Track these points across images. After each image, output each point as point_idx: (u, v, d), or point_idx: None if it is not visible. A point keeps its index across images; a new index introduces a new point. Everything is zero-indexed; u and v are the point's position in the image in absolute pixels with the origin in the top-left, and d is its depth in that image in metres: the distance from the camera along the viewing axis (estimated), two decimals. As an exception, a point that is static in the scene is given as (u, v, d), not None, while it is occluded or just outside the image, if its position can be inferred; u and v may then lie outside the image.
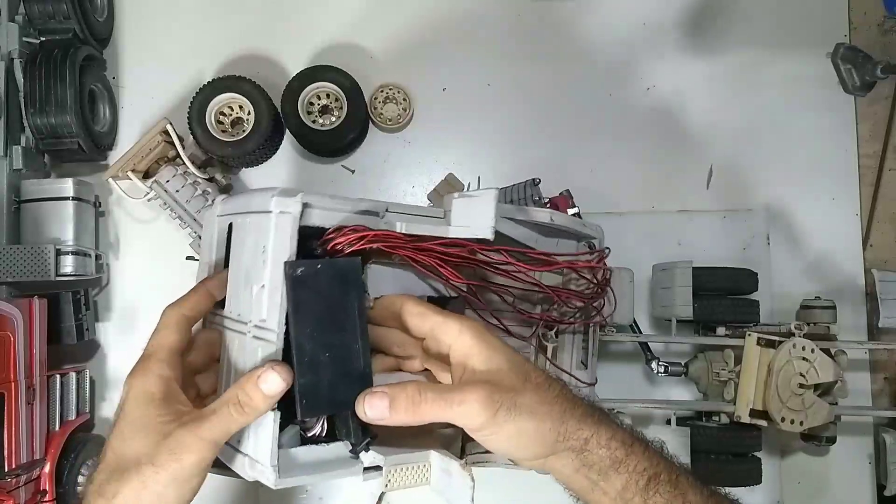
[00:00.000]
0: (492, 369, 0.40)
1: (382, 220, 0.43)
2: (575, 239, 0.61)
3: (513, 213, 0.54)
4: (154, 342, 0.42)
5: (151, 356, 0.41)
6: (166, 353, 0.41)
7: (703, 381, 0.73)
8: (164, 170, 0.77)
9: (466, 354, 0.40)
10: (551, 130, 0.83)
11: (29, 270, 0.71)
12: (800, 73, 0.83)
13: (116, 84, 0.83)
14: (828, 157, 0.83)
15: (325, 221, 0.40)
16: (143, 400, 0.39)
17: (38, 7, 0.74)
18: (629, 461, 0.40)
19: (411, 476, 0.41)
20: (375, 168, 0.83)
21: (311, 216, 0.40)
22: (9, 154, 0.73)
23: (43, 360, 0.69)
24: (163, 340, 0.42)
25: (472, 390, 0.38)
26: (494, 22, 0.84)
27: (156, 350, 0.41)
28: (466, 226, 0.44)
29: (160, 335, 0.42)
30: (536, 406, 0.39)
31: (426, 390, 0.39)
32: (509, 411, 0.38)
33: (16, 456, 0.65)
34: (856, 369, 0.79)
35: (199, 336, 0.45)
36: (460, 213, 0.45)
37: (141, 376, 0.40)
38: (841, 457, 0.78)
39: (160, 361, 0.41)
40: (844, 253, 0.81)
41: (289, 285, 0.37)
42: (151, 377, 0.40)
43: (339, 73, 0.78)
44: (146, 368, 0.41)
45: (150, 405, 0.39)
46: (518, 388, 0.39)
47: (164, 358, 0.41)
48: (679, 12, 0.84)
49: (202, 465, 0.37)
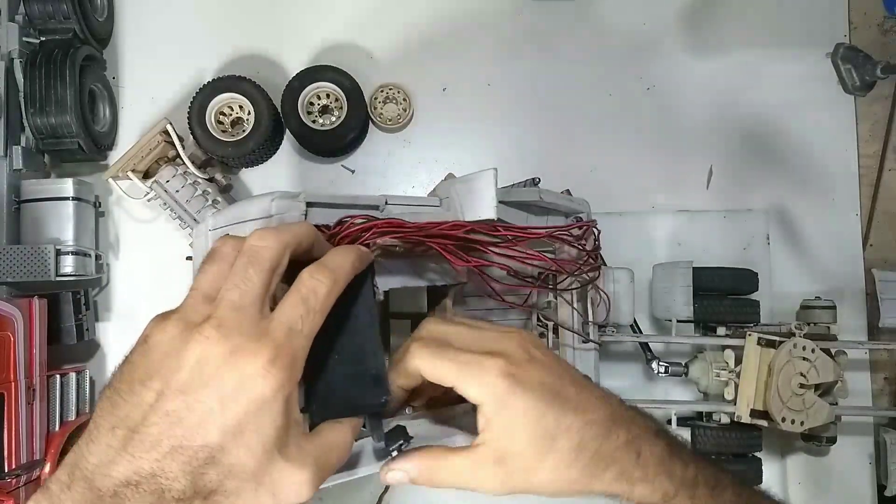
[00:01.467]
0: (509, 445, 0.36)
1: (382, 214, 0.43)
2: (563, 215, 0.62)
3: (502, 196, 0.54)
4: (311, 321, 0.32)
5: (303, 344, 0.32)
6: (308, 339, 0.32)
7: (703, 381, 0.73)
8: (164, 170, 0.77)
9: (486, 421, 0.36)
10: (551, 130, 0.83)
11: (29, 270, 0.70)
12: (800, 73, 0.83)
13: (116, 84, 0.83)
14: (828, 156, 0.83)
15: (327, 219, 0.40)
16: (281, 409, 0.31)
17: (38, 7, 0.74)
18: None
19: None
20: (375, 168, 0.83)
21: (314, 216, 0.40)
22: (9, 154, 0.73)
23: (43, 360, 0.69)
24: (318, 326, 0.33)
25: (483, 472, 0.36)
26: (494, 22, 0.84)
27: (311, 336, 0.32)
28: (469, 208, 0.44)
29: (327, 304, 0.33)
30: (554, 481, 0.36)
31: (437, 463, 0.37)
32: (525, 490, 0.36)
33: (15, 456, 0.65)
34: (856, 369, 0.79)
35: None
36: (462, 196, 0.45)
37: (290, 374, 0.31)
38: (841, 457, 0.78)
39: (305, 349, 0.32)
40: (844, 253, 0.81)
41: None
42: (296, 379, 0.31)
43: (339, 73, 0.78)
44: (295, 363, 0.31)
45: (284, 416, 0.31)
46: (533, 468, 0.36)
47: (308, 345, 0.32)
48: (679, 12, 0.84)
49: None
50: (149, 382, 0.30)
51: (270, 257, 0.32)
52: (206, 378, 0.30)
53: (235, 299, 0.31)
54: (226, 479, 0.30)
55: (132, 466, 0.29)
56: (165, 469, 0.29)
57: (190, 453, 0.29)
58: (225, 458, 0.30)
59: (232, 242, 0.34)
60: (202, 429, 0.29)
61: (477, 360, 0.36)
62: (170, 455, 0.29)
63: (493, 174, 0.44)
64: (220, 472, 0.30)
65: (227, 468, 0.30)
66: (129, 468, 0.29)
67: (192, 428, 0.29)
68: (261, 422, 0.30)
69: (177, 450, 0.29)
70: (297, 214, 0.39)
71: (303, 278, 0.33)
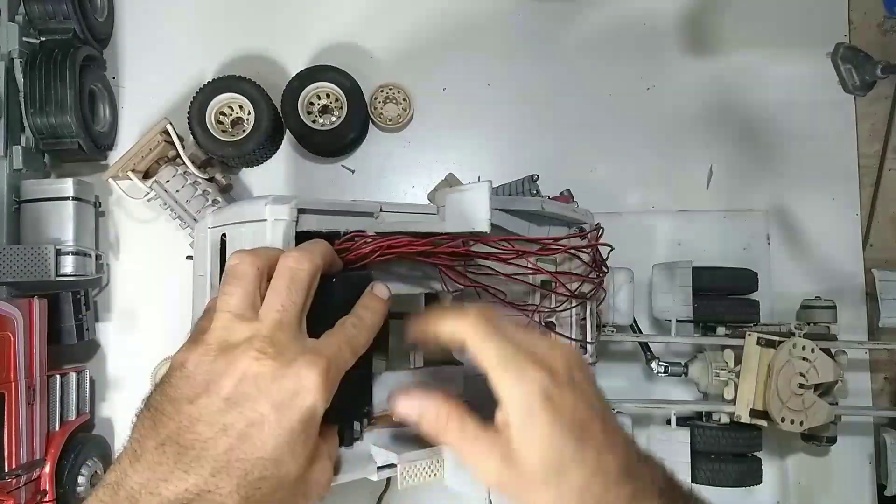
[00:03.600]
0: (520, 456, 0.35)
1: (377, 221, 0.43)
2: (566, 225, 0.61)
3: (504, 204, 0.54)
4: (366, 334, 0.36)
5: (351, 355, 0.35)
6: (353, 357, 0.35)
7: (703, 381, 0.73)
8: (164, 170, 0.77)
9: (506, 423, 0.35)
10: (551, 130, 0.83)
11: (29, 271, 0.71)
12: (800, 73, 0.83)
13: (116, 84, 0.83)
14: (827, 156, 0.83)
15: (322, 226, 0.40)
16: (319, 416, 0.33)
17: (39, 7, 0.74)
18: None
19: (425, 472, 0.41)
20: (375, 168, 0.83)
21: (306, 222, 0.40)
22: (9, 154, 0.73)
23: (43, 360, 0.69)
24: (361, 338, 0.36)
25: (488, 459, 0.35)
26: (494, 22, 0.84)
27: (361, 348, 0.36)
28: (462, 220, 0.44)
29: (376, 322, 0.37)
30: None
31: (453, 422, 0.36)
32: (513, 499, 0.35)
33: (16, 456, 0.65)
34: (856, 369, 0.79)
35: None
36: (454, 208, 0.45)
37: (328, 391, 0.33)
38: (841, 457, 0.78)
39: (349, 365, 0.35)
40: (844, 253, 0.81)
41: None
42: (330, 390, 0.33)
43: (339, 73, 0.78)
44: (333, 378, 0.33)
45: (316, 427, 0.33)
46: (534, 490, 0.34)
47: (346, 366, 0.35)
48: (679, 12, 0.84)
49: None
50: (198, 400, 0.30)
51: (307, 279, 0.34)
52: (261, 389, 0.30)
53: (281, 318, 0.33)
54: (276, 490, 0.30)
55: (184, 484, 0.28)
56: (220, 485, 0.29)
57: (247, 466, 0.29)
58: (278, 469, 0.30)
59: (249, 259, 0.35)
60: (259, 440, 0.30)
61: (522, 362, 0.35)
62: (224, 469, 0.29)
63: (487, 187, 0.43)
64: (272, 485, 0.30)
65: (279, 480, 0.30)
66: (181, 486, 0.28)
67: (248, 439, 0.30)
68: (309, 432, 0.31)
69: (232, 463, 0.29)
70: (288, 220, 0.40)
71: (362, 303, 0.37)
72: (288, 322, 0.33)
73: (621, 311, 0.69)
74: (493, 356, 0.35)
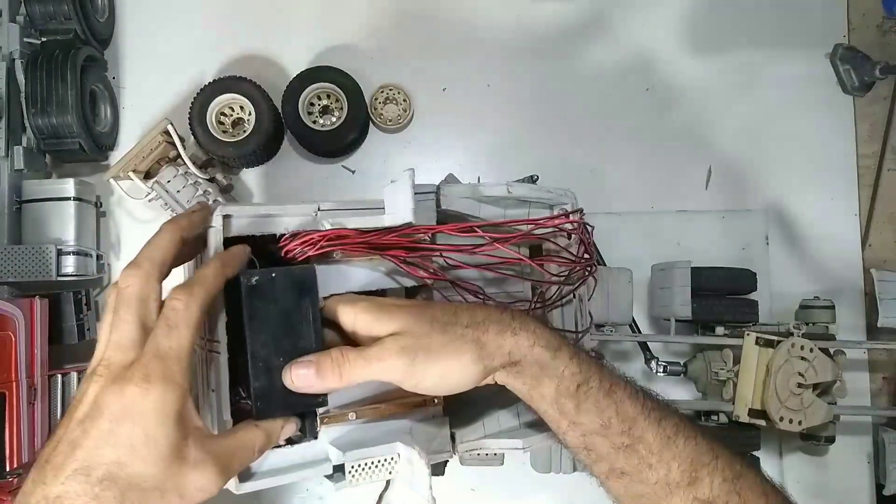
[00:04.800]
0: (397, 327, 0.41)
1: (315, 220, 0.45)
2: (548, 207, 0.60)
3: (467, 193, 0.54)
4: (176, 335, 0.36)
5: (173, 357, 0.36)
6: (188, 354, 0.36)
7: (701, 380, 0.73)
8: (165, 170, 0.77)
9: (369, 329, 0.41)
10: (551, 130, 0.83)
11: (30, 271, 0.71)
12: (799, 73, 0.83)
13: (117, 84, 0.84)
14: (827, 157, 0.83)
15: (257, 230, 0.43)
16: (170, 419, 0.34)
17: (40, 8, 0.74)
18: (556, 364, 0.43)
19: (377, 470, 0.43)
20: (375, 168, 0.83)
21: (234, 226, 0.42)
22: (10, 154, 0.73)
23: (44, 359, 0.70)
24: (185, 338, 0.36)
25: (386, 344, 0.40)
26: (494, 22, 0.84)
27: (180, 349, 0.36)
28: (393, 212, 0.45)
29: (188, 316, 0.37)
30: (449, 343, 0.41)
31: (347, 352, 0.40)
32: (427, 354, 0.40)
33: (17, 456, 0.65)
34: (855, 369, 0.79)
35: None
36: (391, 201, 0.46)
37: (168, 387, 0.35)
38: (840, 456, 0.79)
39: (184, 370, 0.36)
40: (843, 253, 0.82)
41: (245, 294, 0.39)
42: (178, 390, 0.35)
43: (340, 74, 0.78)
44: (170, 375, 0.35)
45: (177, 425, 0.35)
46: (427, 332, 0.41)
47: (187, 361, 0.36)
48: (679, 12, 0.84)
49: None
50: (61, 422, 0.35)
51: (130, 301, 0.37)
52: (101, 408, 0.34)
53: (115, 340, 0.36)
54: (128, 491, 0.33)
55: (42, 493, 0.33)
56: (69, 491, 0.32)
57: (89, 472, 0.33)
58: (124, 472, 0.33)
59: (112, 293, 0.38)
60: (99, 449, 0.33)
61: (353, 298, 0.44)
62: (72, 477, 0.33)
63: (408, 176, 0.44)
64: (122, 486, 0.33)
65: (127, 481, 0.33)
66: (40, 495, 0.33)
67: (90, 450, 0.33)
68: (152, 434, 0.34)
69: (78, 472, 0.33)
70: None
71: (166, 301, 0.38)
72: (121, 345, 0.36)
73: (620, 310, 0.69)
74: (367, 304, 0.42)
